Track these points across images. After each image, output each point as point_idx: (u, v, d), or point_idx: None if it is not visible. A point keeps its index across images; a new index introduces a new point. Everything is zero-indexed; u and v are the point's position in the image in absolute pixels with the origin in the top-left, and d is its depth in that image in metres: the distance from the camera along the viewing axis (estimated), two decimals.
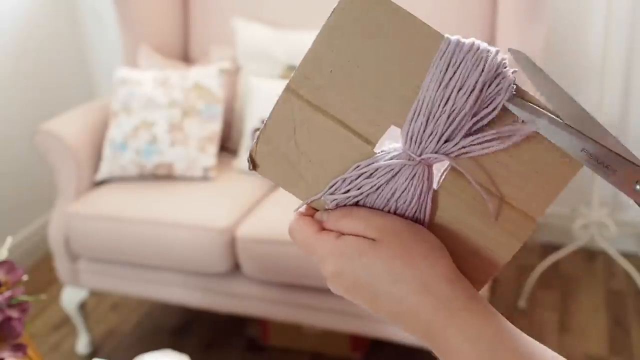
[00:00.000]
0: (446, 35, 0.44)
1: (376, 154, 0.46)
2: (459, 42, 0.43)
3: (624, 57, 2.31)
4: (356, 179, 0.46)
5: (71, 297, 2.08)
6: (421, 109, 0.44)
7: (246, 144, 2.07)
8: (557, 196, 0.46)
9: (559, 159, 0.45)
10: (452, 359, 0.42)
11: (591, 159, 0.43)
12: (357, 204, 0.47)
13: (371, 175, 0.46)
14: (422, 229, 0.46)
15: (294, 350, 2.09)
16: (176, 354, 1.16)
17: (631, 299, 2.26)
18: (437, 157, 0.44)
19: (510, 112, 0.44)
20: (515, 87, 0.44)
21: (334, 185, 0.47)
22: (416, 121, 0.44)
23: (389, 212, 0.46)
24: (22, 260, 2.55)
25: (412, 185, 0.45)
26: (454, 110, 0.43)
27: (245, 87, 2.19)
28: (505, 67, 0.44)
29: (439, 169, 0.46)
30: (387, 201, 0.46)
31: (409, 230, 0.45)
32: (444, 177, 0.46)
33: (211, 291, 1.91)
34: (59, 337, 2.25)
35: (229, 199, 1.91)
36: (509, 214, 0.46)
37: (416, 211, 0.46)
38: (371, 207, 0.47)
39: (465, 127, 0.44)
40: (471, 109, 0.43)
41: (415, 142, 0.44)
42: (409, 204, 0.46)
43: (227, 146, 2.24)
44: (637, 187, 0.43)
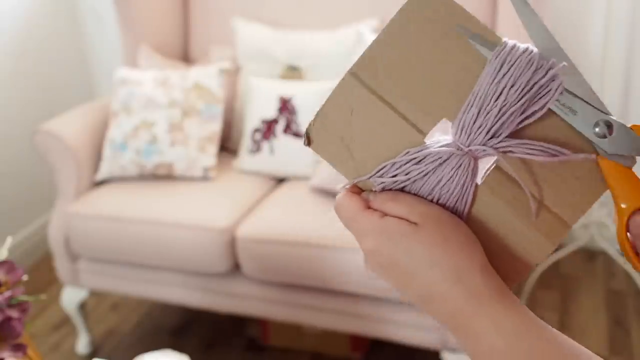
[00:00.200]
0: (504, 38, 0.47)
1: (426, 143, 0.48)
2: (515, 45, 0.47)
3: (624, 57, 2.31)
4: (405, 164, 0.48)
5: (71, 297, 2.08)
6: (474, 101, 0.46)
7: (246, 144, 2.07)
8: (592, 205, 0.47)
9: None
10: (476, 345, 0.43)
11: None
12: (402, 190, 0.48)
13: (420, 161, 0.47)
14: (460, 222, 0.47)
15: (294, 350, 2.09)
16: (176, 354, 1.16)
17: (631, 299, 2.26)
18: (485, 150, 0.47)
19: (555, 115, 0.47)
20: (563, 89, 0.46)
21: (383, 168, 0.48)
22: (468, 112, 0.46)
23: (431, 200, 0.48)
24: (22, 260, 2.55)
25: (457, 175, 0.47)
26: (505, 104, 0.46)
27: (245, 87, 2.19)
28: (554, 70, 0.46)
29: (484, 166, 0.48)
30: (431, 189, 0.48)
31: (449, 220, 0.47)
32: (488, 173, 0.48)
33: (211, 291, 1.91)
34: (59, 337, 2.25)
35: (229, 199, 1.91)
36: (546, 216, 0.47)
37: (457, 202, 0.48)
38: (415, 194, 0.48)
39: (512, 125, 0.46)
40: (521, 106, 0.46)
41: (465, 133, 0.47)
42: (452, 194, 0.48)
43: (227, 146, 2.24)
44: (596, 129, 0.46)
